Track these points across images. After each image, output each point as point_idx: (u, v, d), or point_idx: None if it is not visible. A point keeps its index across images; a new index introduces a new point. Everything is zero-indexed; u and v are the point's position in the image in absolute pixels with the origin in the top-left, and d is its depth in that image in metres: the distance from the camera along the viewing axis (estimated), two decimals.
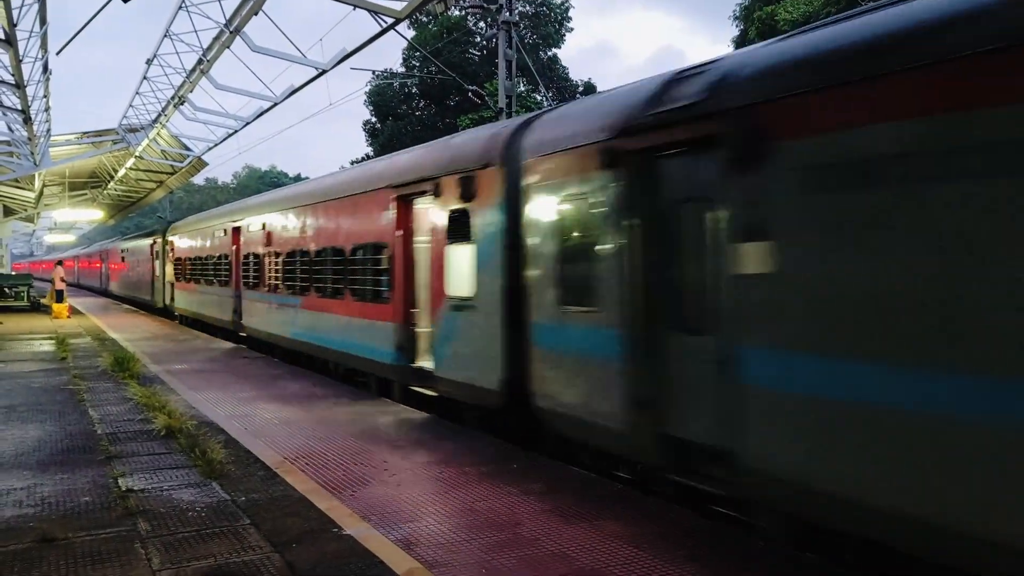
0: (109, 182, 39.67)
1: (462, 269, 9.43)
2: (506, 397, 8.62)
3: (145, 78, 20.75)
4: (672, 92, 6.55)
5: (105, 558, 5.32)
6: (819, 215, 5.07)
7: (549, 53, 45.38)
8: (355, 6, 12.56)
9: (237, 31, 14.52)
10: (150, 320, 29.54)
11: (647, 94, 6.91)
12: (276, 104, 18.80)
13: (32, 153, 25.64)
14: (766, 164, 5.44)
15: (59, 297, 30.83)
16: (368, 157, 42.56)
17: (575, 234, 7.60)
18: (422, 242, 10.89)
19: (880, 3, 5.33)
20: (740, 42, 35.19)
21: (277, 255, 16.93)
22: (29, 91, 17.90)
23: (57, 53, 15.11)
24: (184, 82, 19.27)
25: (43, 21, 14.15)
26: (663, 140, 6.47)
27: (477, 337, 9.11)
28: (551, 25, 45.78)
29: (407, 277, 11.07)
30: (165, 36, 17.06)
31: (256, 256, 18.51)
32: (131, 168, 34.05)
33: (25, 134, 22.98)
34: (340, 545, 5.59)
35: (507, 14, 20.65)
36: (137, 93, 22.60)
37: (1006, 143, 4.12)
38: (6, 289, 34.86)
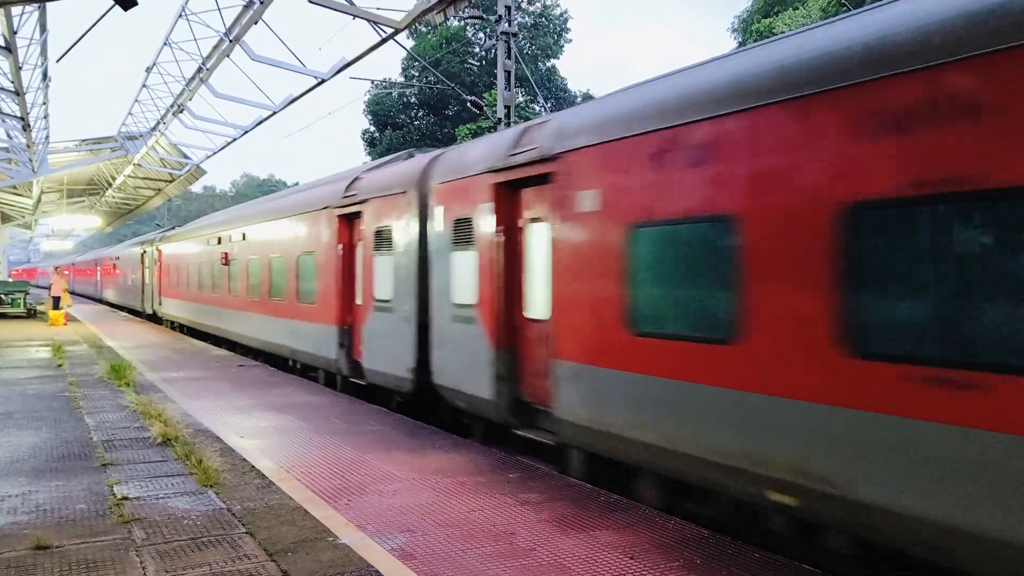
0: (107, 189, 39.72)
1: None
2: None
3: (144, 86, 20.82)
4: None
5: (100, 566, 5.30)
6: None
7: (548, 64, 45.55)
8: (354, 16, 12.62)
9: (237, 40, 14.58)
10: (147, 327, 29.51)
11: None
12: (275, 113, 18.85)
13: (30, 160, 25.66)
14: None
15: (55, 304, 30.82)
16: None
17: None
18: None
19: None
20: None
21: None
22: (28, 98, 17.94)
23: (57, 60, 15.15)
24: (183, 90, 19.33)
25: (43, 28, 14.20)
26: None
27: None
28: (550, 36, 45.98)
29: None
30: (165, 44, 17.13)
31: None
32: (129, 176, 34.11)
33: (24, 141, 23.01)
34: (335, 554, 5.58)
35: (506, 25, 20.74)
36: (136, 101, 22.67)
37: None
38: (3, 296, 34.81)
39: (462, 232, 9.72)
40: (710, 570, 5.29)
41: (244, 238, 19.18)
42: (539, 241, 8.59)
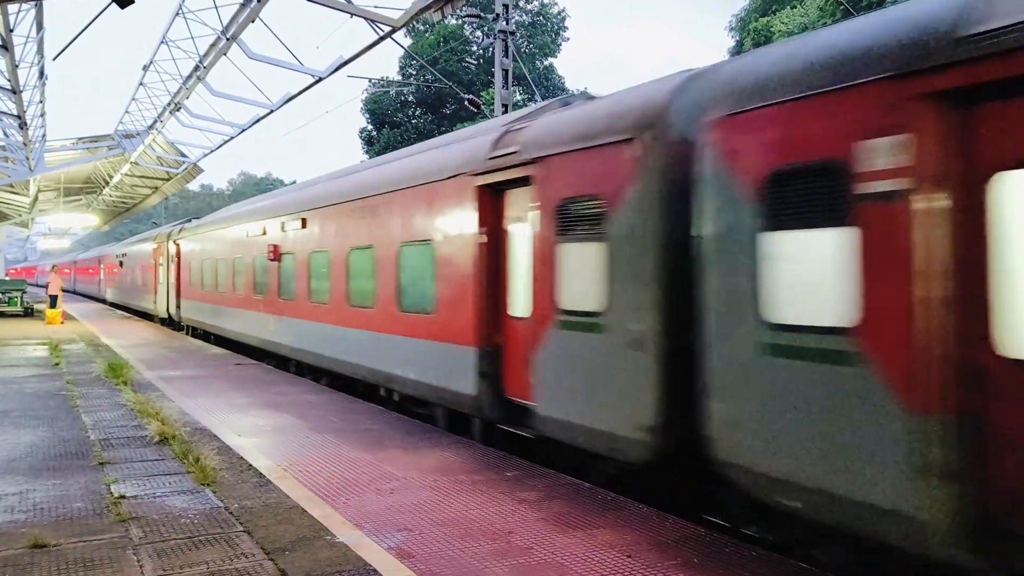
0: (104, 188, 39.66)
1: None
2: None
3: (141, 84, 20.80)
4: None
5: (97, 564, 5.30)
6: None
7: (545, 62, 45.57)
8: (352, 14, 12.61)
9: (234, 38, 14.56)
10: (145, 326, 29.47)
11: None
12: (272, 111, 18.84)
13: (27, 158, 25.62)
14: None
15: (52, 303, 30.77)
16: None
17: None
18: None
19: None
20: (737, 52, 35.40)
21: None
22: (25, 96, 17.91)
23: (54, 58, 15.13)
24: (180, 88, 19.31)
25: (40, 26, 14.18)
26: None
27: None
28: (548, 34, 45.99)
29: None
30: (162, 42, 17.11)
31: None
32: (126, 174, 34.05)
33: (20, 139, 22.97)
34: (333, 553, 5.58)
35: (503, 23, 20.74)
36: (133, 99, 22.65)
37: None
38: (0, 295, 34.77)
39: (798, 198, 5.41)
40: (708, 568, 5.29)
41: (304, 226, 15.38)
42: None
